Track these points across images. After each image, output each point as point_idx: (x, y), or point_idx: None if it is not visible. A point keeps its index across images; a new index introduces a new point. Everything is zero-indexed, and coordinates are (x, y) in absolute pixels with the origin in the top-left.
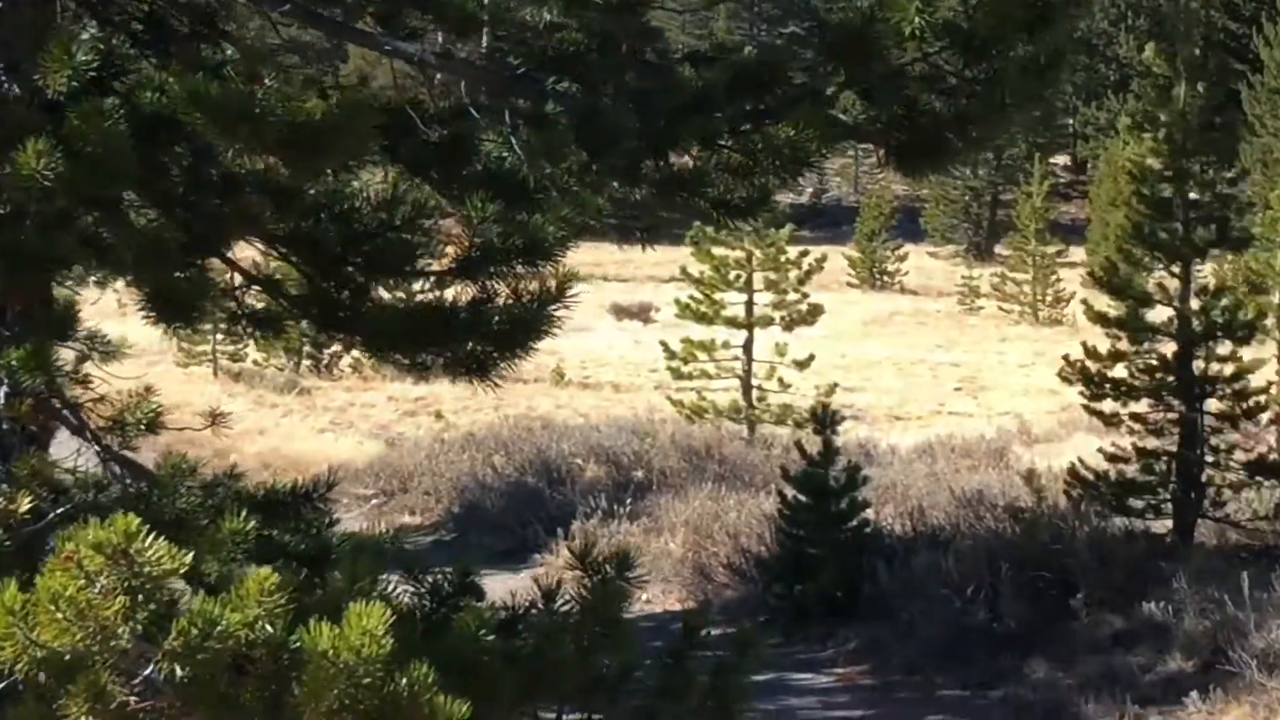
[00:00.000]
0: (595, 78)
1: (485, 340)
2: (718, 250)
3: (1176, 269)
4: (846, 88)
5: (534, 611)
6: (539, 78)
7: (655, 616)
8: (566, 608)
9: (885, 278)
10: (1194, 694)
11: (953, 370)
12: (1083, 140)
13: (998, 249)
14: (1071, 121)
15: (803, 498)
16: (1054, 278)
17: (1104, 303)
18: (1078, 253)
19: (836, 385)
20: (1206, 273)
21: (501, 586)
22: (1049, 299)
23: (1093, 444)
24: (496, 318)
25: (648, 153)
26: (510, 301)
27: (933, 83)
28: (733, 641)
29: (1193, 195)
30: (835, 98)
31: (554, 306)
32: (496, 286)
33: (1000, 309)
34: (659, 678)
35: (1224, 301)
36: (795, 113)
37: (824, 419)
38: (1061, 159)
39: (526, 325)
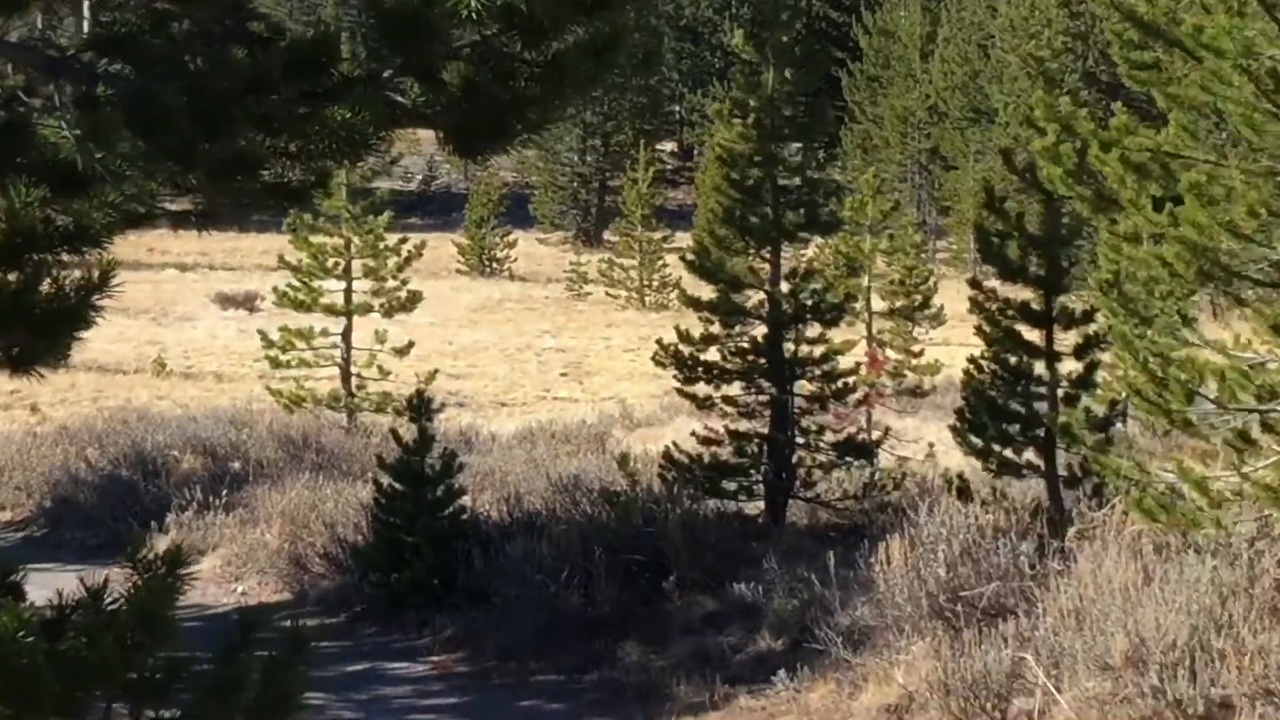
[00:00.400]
0: (147, 59)
1: (27, 331)
2: (316, 238)
3: (767, 253)
4: (405, 70)
5: (80, 611)
6: (90, 59)
7: (251, 609)
8: (114, 606)
9: (494, 264)
10: (782, 672)
11: (559, 356)
12: (689, 127)
13: (606, 235)
14: (678, 108)
15: (399, 486)
16: (660, 263)
17: (709, 289)
18: (685, 238)
19: (437, 372)
20: (809, 255)
21: (91, 582)
22: (655, 284)
23: (693, 427)
24: (38, 308)
25: (201, 136)
26: (52, 291)
27: (492, 65)
28: (289, 638)
29: (782, 180)
30: (394, 80)
31: (97, 296)
32: (39, 275)
33: (608, 294)
34: (211, 675)
35: (813, 284)
36: (351, 95)
37: (419, 407)
38: (669, 145)
39: (69, 316)
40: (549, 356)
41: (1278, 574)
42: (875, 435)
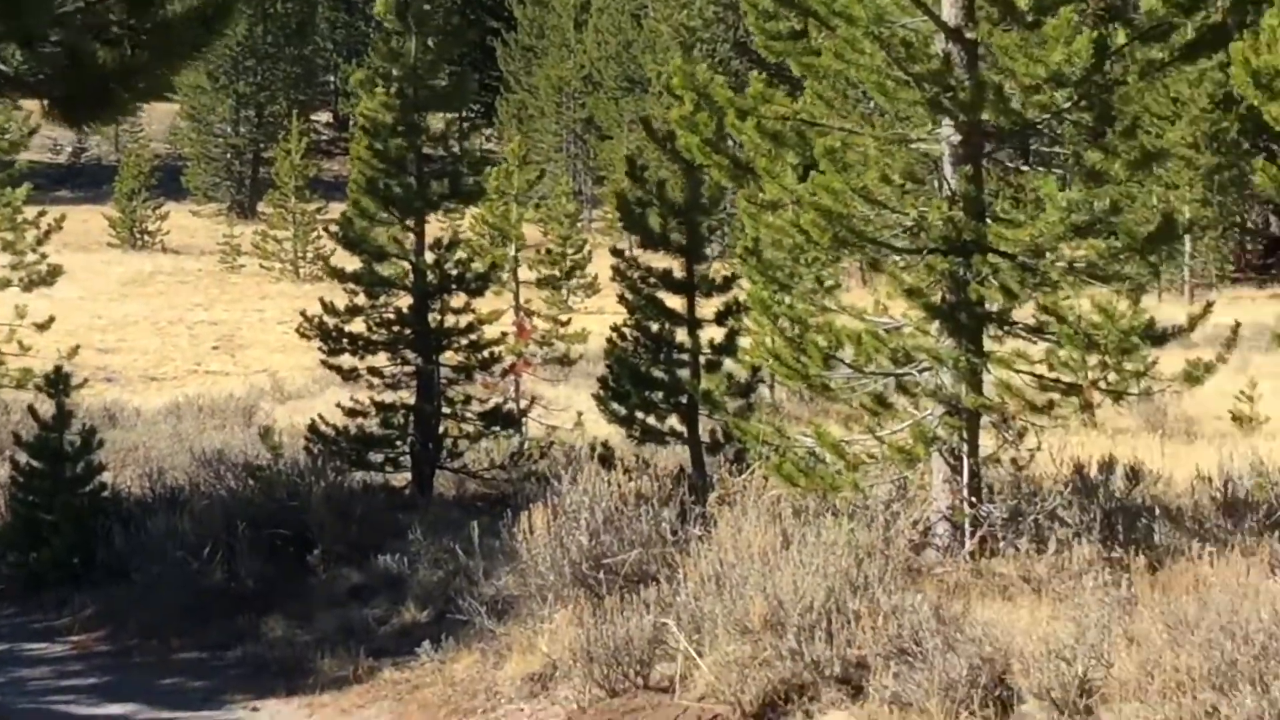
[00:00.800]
0: None
1: None
2: None
3: (411, 223)
4: (6, 36)
5: None
6: None
7: None
8: None
9: (147, 237)
10: (426, 643)
11: (212, 329)
12: (344, 97)
13: (260, 207)
14: (333, 79)
15: (36, 463)
16: (315, 235)
17: (357, 261)
18: (340, 209)
19: (79, 347)
20: (465, 225)
21: None
22: (310, 256)
23: (345, 398)
24: None
25: None
26: None
27: (97, 32)
28: None
29: (427, 150)
30: None
31: None
32: None
33: (262, 267)
34: None
35: (458, 254)
36: None
37: (58, 382)
38: (324, 116)
39: None
40: (201, 330)
41: (912, 534)
42: (524, 404)
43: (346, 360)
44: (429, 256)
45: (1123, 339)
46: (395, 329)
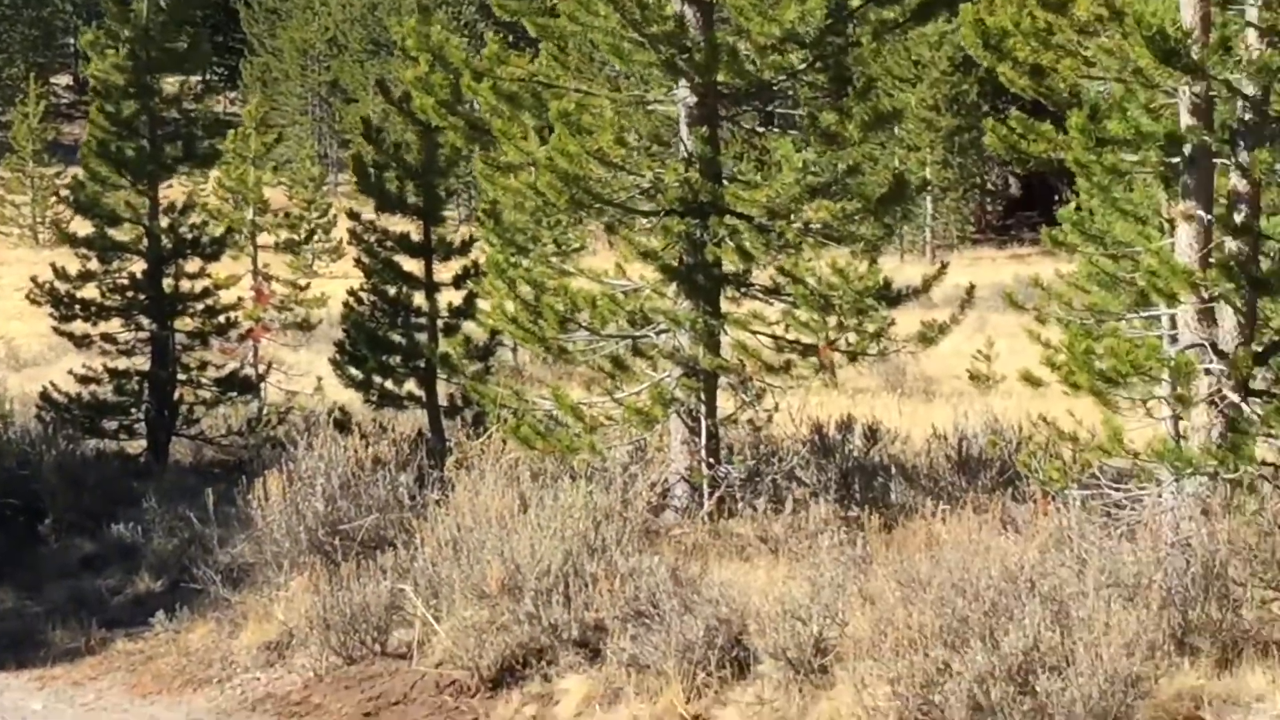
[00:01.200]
0: None
1: None
2: None
3: (144, 186)
4: None
5: None
6: None
7: None
8: None
9: None
10: (161, 613)
11: None
12: (85, 60)
13: None
14: (72, 41)
15: None
16: (53, 199)
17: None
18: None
19: None
20: (208, 190)
21: None
22: (48, 221)
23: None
24: None
25: None
26: None
27: None
28: None
29: (161, 113)
30: None
31: None
32: None
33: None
34: None
35: (193, 218)
36: None
37: None
38: (64, 79)
39: None
40: None
41: (650, 496)
42: (262, 370)
43: (79, 327)
44: (164, 221)
45: (858, 300)
46: (129, 294)
